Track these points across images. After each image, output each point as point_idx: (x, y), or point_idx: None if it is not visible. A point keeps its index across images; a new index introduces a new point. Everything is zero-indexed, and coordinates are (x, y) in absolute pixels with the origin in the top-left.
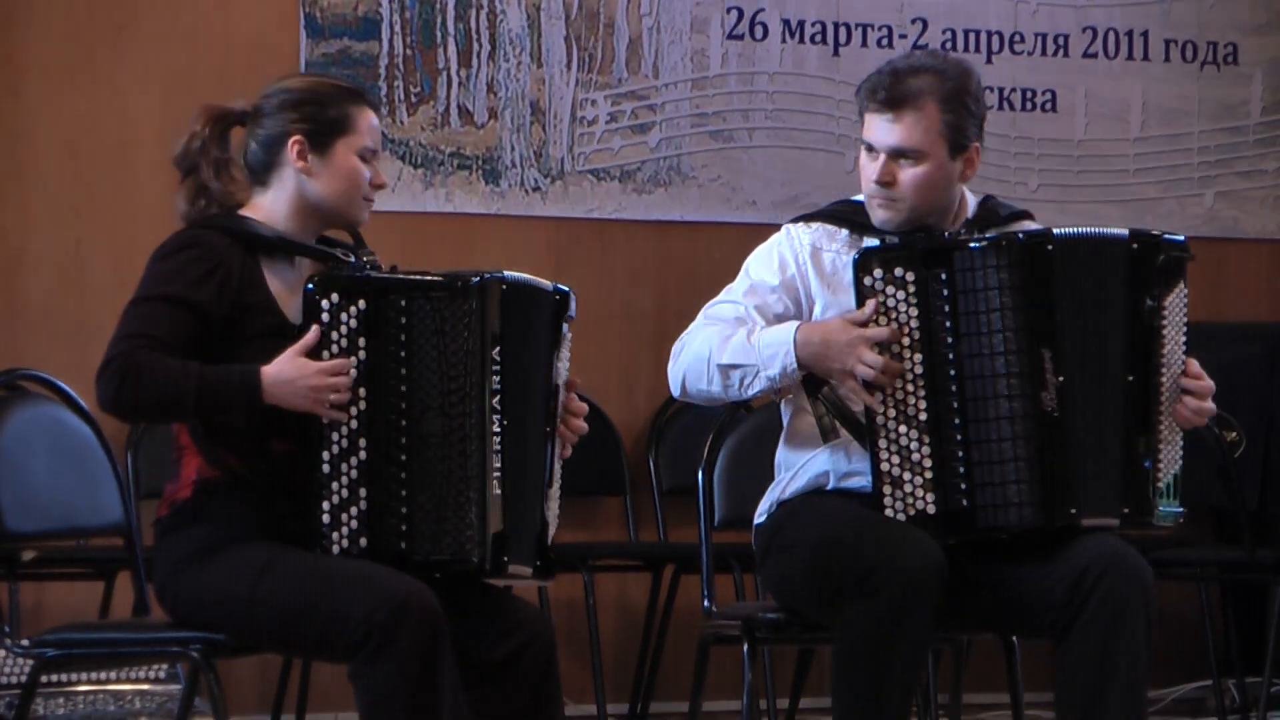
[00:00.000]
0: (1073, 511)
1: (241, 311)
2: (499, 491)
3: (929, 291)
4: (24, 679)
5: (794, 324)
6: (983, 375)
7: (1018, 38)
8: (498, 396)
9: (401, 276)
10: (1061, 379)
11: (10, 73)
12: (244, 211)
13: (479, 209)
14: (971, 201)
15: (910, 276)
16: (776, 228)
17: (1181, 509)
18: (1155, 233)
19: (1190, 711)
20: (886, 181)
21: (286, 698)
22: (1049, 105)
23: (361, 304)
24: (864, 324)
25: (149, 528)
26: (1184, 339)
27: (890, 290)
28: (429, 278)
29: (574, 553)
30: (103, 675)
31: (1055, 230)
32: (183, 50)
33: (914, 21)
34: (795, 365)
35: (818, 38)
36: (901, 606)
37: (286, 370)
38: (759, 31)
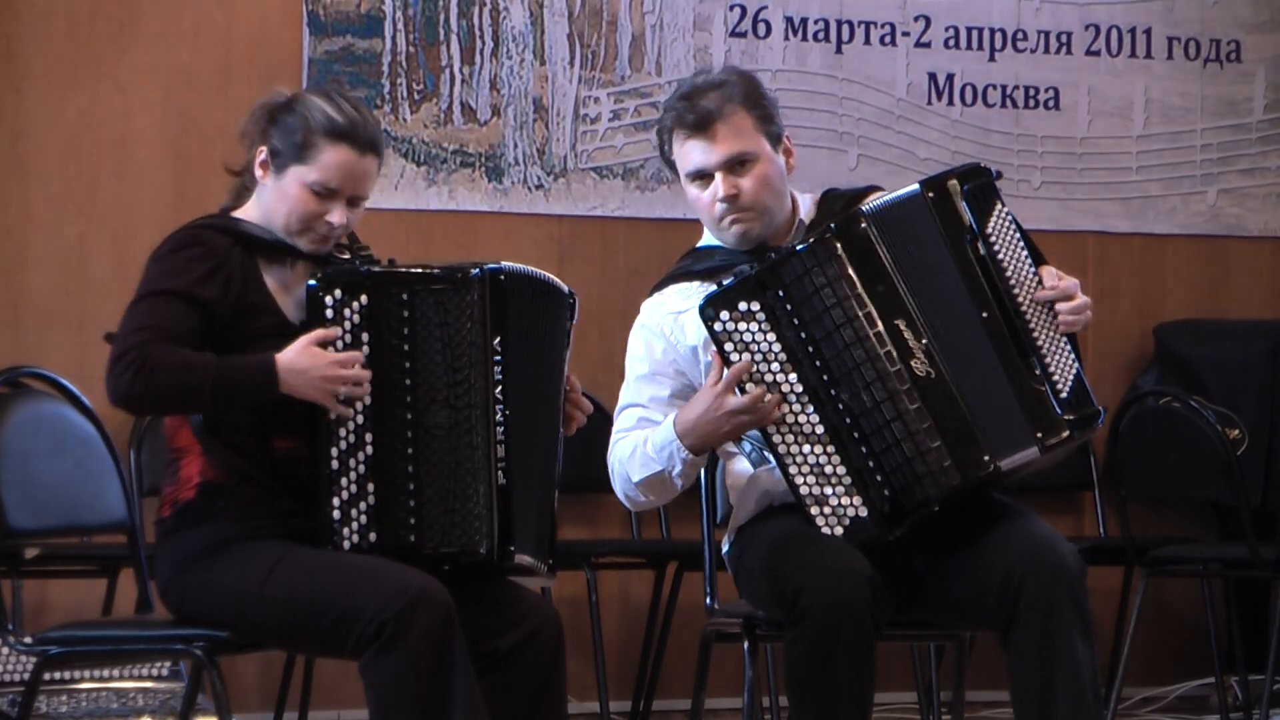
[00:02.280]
0: (986, 459)
1: (243, 311)
2: (504, 481)
3: (775, 313)
4: (27, 676)
5: (670, 419)
6: (851, 368)
7: (1021, 35)
8: (499, 387)
9: (403, 270)
10: (925, 341)
11: (13, 70)
12: (238, 212)
13: (482, 206)
14: (805, 203)
15: (754, 307)
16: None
17: (1097, 409)
18: (947, 172)
19: (1193, 709)
20: (732, 195)
21: (289, 695)
22: (1052, 103)
23: (364, 299)
24: (719, 380)
25: (152, 525)
26: (1025, 253)
27: (742, 327)
28: (430, 270)
29: (577, 550)
30: (106, 673)
31: (863, 206)
32: (185, 48)
33: (917, 19)
34: (690, 455)
35: (820, 35)
36: (831, 628)
37: (301, 360)
38: (762, 29)
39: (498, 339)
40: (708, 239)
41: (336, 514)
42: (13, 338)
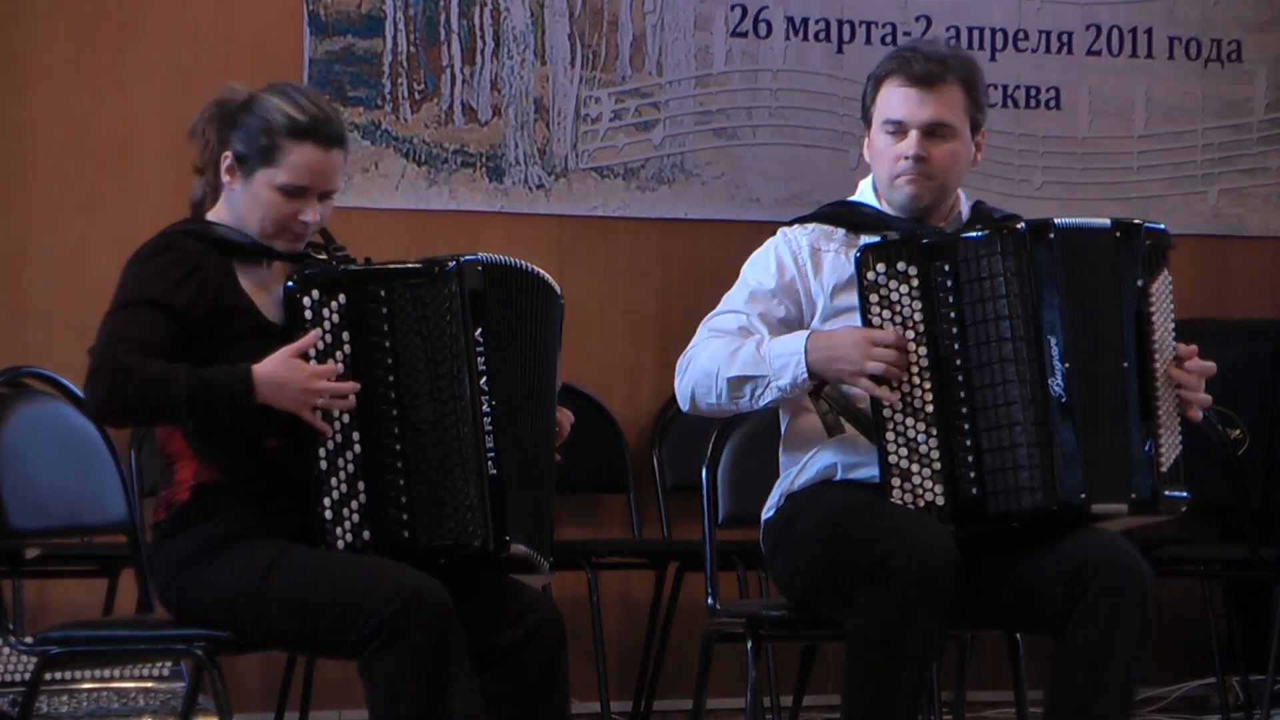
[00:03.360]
0: (1082, 496)
1: (220, 314)
2: (495, 472)
3: (932, 284)
4: (28, 676)
5: (804, 333)
6: (989, 363)
7: (1022, 35)
8: (484, 378)
9: (379, 267)
10: (1068, 365)
11: (14, 70)
12: (210, 214)
13: (483, 206)
14: (964, 201)
15: (913, 270)
16: (781, 225)
17: (1186, 494)
18: (1136, 220)
19: (1193, 709)
20: (921, 157)
21: (290, 695)
22: (1053, 103)
23: (342, 298)
24: (880, 334)
25: (151, 526)
26: (1173, 324)
27: (893, 285)
28: (407, 265)
29: (578, 550)
30: (106, 673)
31: (1055, 220)
32: (186, 48)
33: (918, 19)
34: (805, 374)
35: (821, 35)
36: (915, 594)
37: (280, 373)
38: (763, 29)
39: (479, 330)
40: (862, 194)
41: (329, 514)
42: (14, 338)
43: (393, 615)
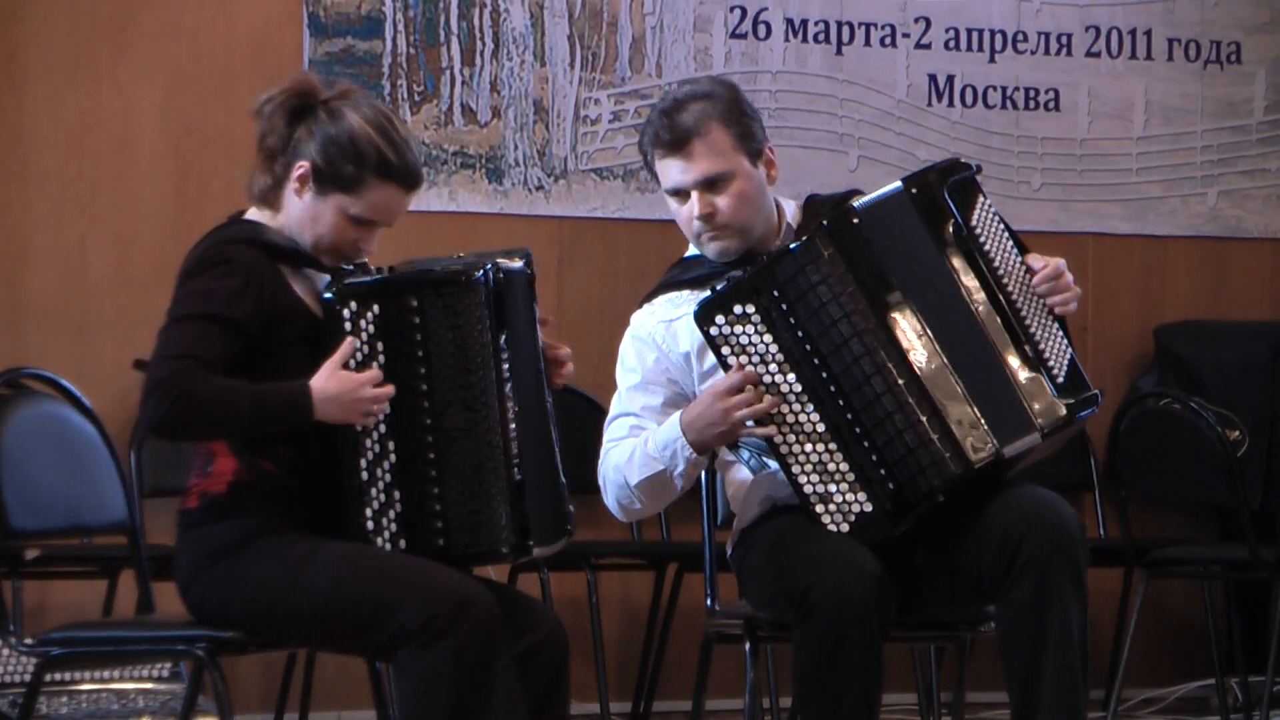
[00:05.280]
0: (988, 446)
1: (277, 319)
2: (519, 478)
3: (771, 314)
4: (28, 677)
5: (677, 416)
6: (850, 364)
7: (1021, 36)
8: (510, 384)
9: (411, 275)
10: (921, 333)
11: (13, 70)
12: (256, 214)
13: (482, 208)
14: (790, 208)
15: (749, 309)
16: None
17: (1093, 392)
18: (927, 168)
19: (1193, 710)
20: (708, 214)
21: (290, 695)
22: (1052, 104)
23: (376, 308)
24: (724, 385)
25: (152, 526)
26: (1010, 243)
27: (738, 330)
28: (437, 273)
29: (577, 551)
30: (106, 674)
31: (852, 204)
32: (186, 48)
33: (917, 20)
34: (693, 454)
35: (821, 36)
36: (840, 624)
37: (332, 386)
38: (762, 30)
39: (504, 336)
40: (695, 249)
41: (370, 524)
42: (13, 338)
43: (441, 613)
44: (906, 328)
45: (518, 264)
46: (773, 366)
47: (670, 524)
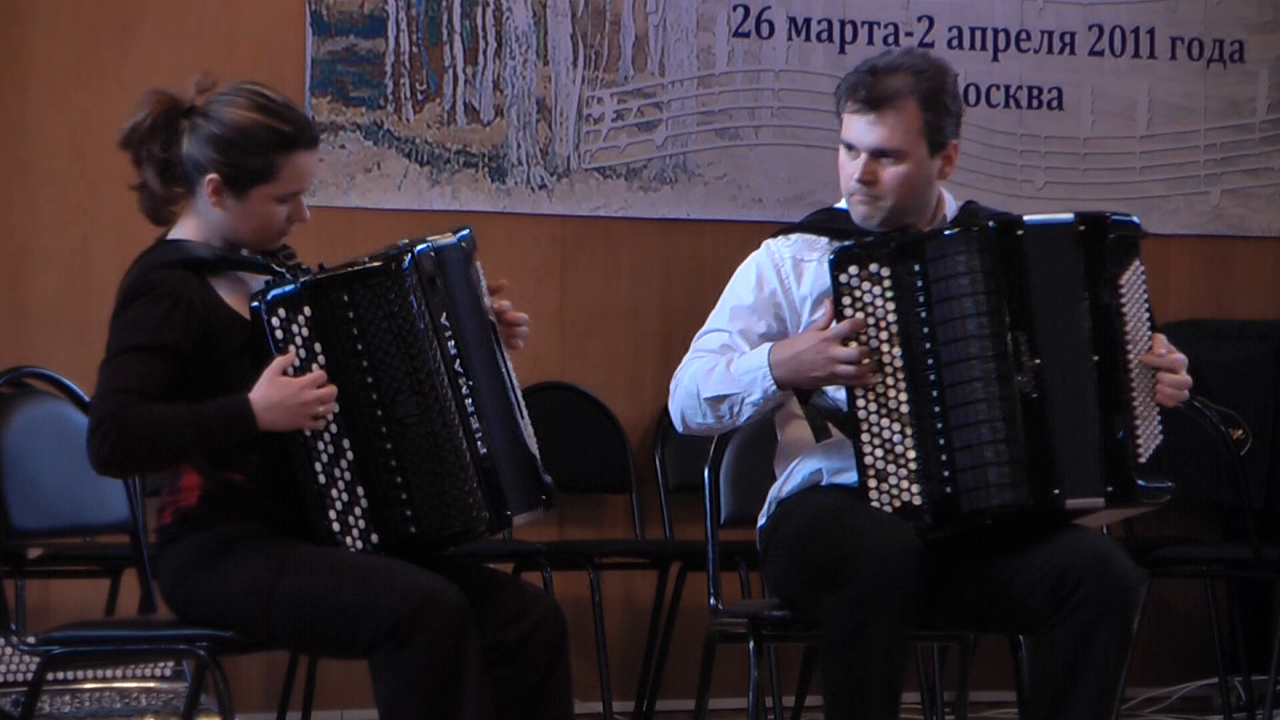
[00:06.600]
0: (1056, 492)
1: (211, 336)
2: (485, 451)
3: (904, 285)
4: (30, 677)
5: (767, 346)
6: (960, 360)
7: (1024, 35)
8: (458, 360)
9: (338, 272)
10: (1038, 362)
11: (17, 71)
12: (176, 230)
13: (485, 206)
14: (951, 203)
15: (885, 272)
16: (783, 224)
17: (1168, 484)
18: (1102, 213)
19: (1196, 709)
20: (868, 180)
21: (293, 695)
22: (1055, 103)
23: (308, 310)
24: (827, 325)
25: (154, 525)
26: (1147, 315)
27: (866, 286)
28: (364, 265)
29: (580, 550)
30: (108, 673)
31: (1023, 216)
32: (189, 48)
33: (920, 19)
34: (774, 387)
35: (824, 35)
36: (872, 595)
37: (273, 394)
38: (765, 29)
39: (444, 315)
40: (845, 204)
41: (336, 525)
42: (16, 338)
43: (408, 615)
44: (1026, 351)
45: (450, 239)
46: (884, 334)
47: (673, 523)
